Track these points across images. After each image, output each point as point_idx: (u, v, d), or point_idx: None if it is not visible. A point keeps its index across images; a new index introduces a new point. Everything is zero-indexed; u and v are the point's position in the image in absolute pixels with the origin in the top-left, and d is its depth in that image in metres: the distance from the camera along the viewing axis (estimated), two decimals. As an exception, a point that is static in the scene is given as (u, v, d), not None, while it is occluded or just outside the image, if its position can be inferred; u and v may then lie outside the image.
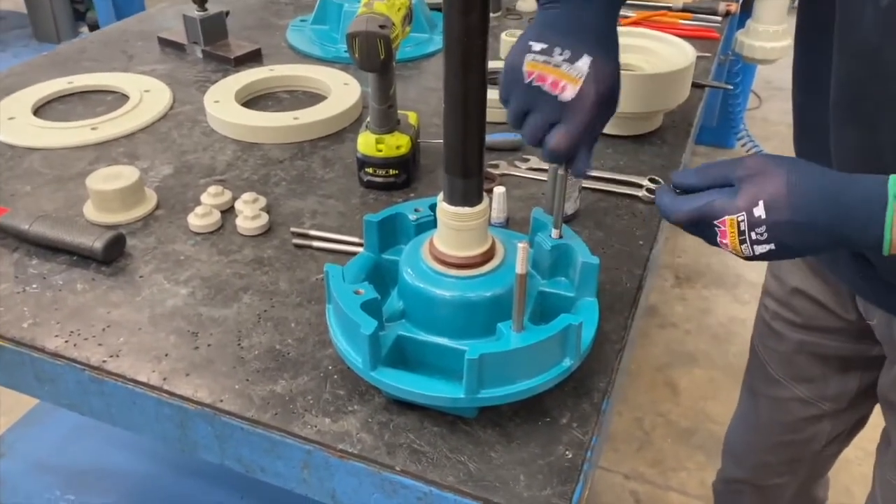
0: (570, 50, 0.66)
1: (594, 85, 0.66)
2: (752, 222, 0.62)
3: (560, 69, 0.66)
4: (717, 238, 0.64)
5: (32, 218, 0.91)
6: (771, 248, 0.62)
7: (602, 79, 0.66)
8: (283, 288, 0.86)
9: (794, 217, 0.61)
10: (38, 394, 0.83)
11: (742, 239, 0.63)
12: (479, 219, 0.68)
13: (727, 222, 0.63)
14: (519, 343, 0.65)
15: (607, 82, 0.67)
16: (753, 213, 0.62)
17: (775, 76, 3.52)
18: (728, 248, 0.64)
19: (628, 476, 1.88)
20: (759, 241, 0.62)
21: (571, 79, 0.66)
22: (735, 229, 0.63)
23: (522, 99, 0.68)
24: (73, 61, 1.41)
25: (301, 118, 1.17)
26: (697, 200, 0.65)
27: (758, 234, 0.62)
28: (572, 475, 0.65)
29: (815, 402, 1.08)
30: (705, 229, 0.65)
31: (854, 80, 0.72)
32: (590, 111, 0.66)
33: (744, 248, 0.63)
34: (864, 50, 0.69)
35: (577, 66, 0.66)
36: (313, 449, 0.67)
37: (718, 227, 0.63)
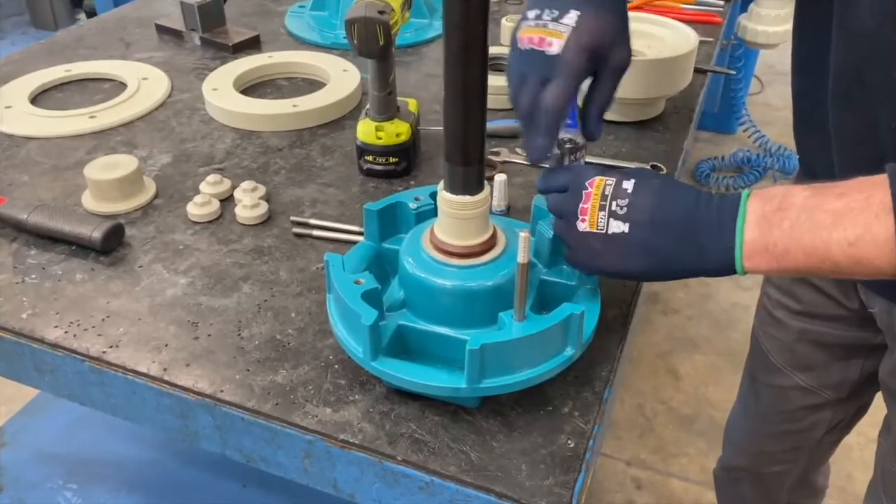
0: (559, 9, 0.68)
1: (577, 35, 0.67)
2: (617, 191, 0.63)
3: (547, 28, 0.67)
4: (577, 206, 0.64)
5: (31, 208, 0.90)
6: (623, 232, 0.62)
7: (588, 29, 0.67)
8: (283, 277, 0.85)
9: (655, 204, 0.62)
10: (38, 384, 0.83)
11: (603, 205, 0.63)
12: (480, 207, 0.68)
13: (594, 182, 0.64)
14: (521, 332, 0.64)
15: (594, 32, 0.67)
16: (622, 185, 0.63)
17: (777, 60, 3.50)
18: (585, 217, 0.63)
19: (630, 463, 1.89)
20: (617, 216, 0.62)
21: (557, 34, 0.67)
22: (600, 191, 0.63)
23: (520, 67, 0.69)
24: (71, 49, 1.40)
25: (300, 106, 1.16)
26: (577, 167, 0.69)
27: (618, 206, 0.62)
28: (574, 464, 0.64)
29: (817, 391, 1.08)
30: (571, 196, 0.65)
31: (852, 64, 0.71)
32: (576, 61, 0.67)
33: (600, 216, 0.63)
34: (862, 34, 0.68)
35: (563, 21, 0.67)
36: (314, 439, 0.67)
37: (585, 190, 0.64)
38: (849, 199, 0.55)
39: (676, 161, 1.08)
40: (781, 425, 1.15)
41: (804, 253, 0.56)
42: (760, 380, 1.15)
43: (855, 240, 0.54)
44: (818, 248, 0.55)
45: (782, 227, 0.57)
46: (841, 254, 0.55)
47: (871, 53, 0.68)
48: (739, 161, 2.95)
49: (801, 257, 0.56)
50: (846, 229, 0.54)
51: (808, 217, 0.56)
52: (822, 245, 0.55)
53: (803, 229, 0.56)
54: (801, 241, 0.56)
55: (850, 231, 0.54)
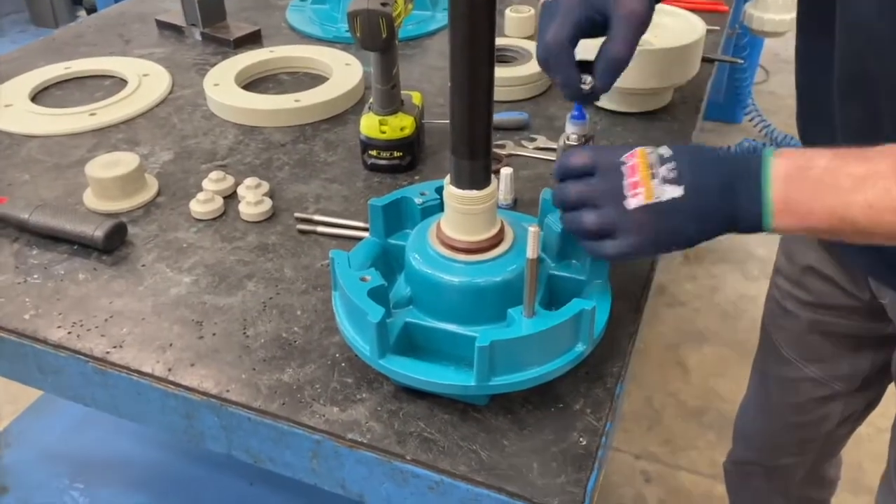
0: None
1: None
2: (661, 158, 0.61)
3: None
4: (622, 183, 0.61)
5: (32, 207, 0.89)
6: (680, 195, 0.60)
7: None
8: (288, 275, 0.84)
9: (697, 162, 0.61)
10: (41, 385, 0.82)
11: (653, 173, 0.61)
12: (488, 202, 0.67)
13: (637, 153, 0.62)
14: (530, 329, 0.63)
15: None
16: (660, 150, 0.62)
17: (783, 49, 3.47)
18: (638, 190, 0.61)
19: (639, 456, 1.88)
20: (670, 180, 0.60)
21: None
22: (645, 160, 0.61)
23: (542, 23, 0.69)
24: (71, 46, 1.38)
25: (302, 100, 1.14)
26: (594, 146, 0.67)
27: (668, 170, 0.61)
28: (587, 462, 0.63)
29: (827, 383, 1.07)
30: (607, 176, 0.62)
31: (855, 55, 0.70)
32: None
33: (654, 184, 0.60)
34: (864, 25, 0.67)
35: None
36: (322, 438, 0.66)
37: (625, 164, 0.62)
38: (871, 164, 0.56)
39: (684, 152, 1.06)
40: (792, 418, 1.13)
41: (826, 213, 0.57)
42: (770, 372, 1.14)
43: (875, 201, 0.55)
44: (838, 209, 0.57)
45: (805, 186, 0.58)
46: (861, 214, 0.56)
47: (874, 45, 0.67)
48: (745, 151, 2.93)
49: (824, 217, 0.57)
50: (866, 192, 0.55)
51: (832, 178, 0.57)
52: (843, 206, 0.56)
53: (826, 190, 0.57)
54: (823, 202, 0.57)
55: (870, 194, 0.55)
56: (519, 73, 1.17)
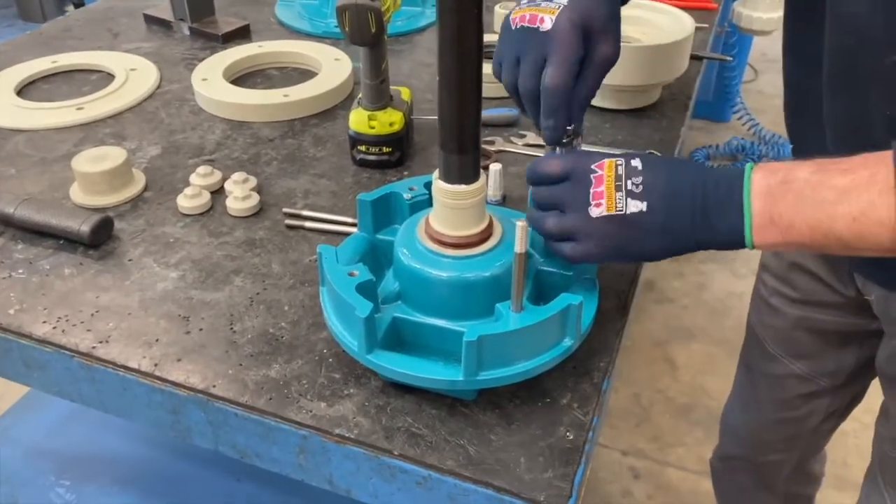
0: None
1: (569, 12, 0.66)
2: (630, 170, 0.62)
3: (539, 6, 0.67)
4: (588, 192, 0.62)
5: (17, 201, 0.88)
6: (642, 210, 0.61)
7: (578, 8, 0.66)
8: (275, 270, 0.84)
9: (668, 179, 0.61)
10: (27, 381, 0.81)
11: (619, 185, 0.61)
12: (476, 196, 0.67)
13: (605, 164, 0.62)
14: (518, 324, 0.63)
15: (585, 12, 0.67)
16: (631, 163, 0.62)
17: (771, 48, 3.49)
18: (600, 201, 0.62)
19: (626, 452, 1.89)
20: (634, 195, 0.61)
21: (549, 10, 0.66)
22: (613, 172, 0.62)
23: (513, 47, 0.69)
24: (58, 40, 1.37)
25: (291, 95, 1.14)
26: (572, 153, 0.67)
27: (633, 185, 0.61)
28: (574, 456, 0.64)
29: (813, 378, 1.07)
30: (577, 183, 0.63)
31: (844, 51, 0.70)
32: (568, 37, 0.66)
33: (618, 196, 0.61)
34: (853, 20, 0.67)
35: (556, 0, 0.67)
36: (309, 434, 0.66)
37: (594, 174, 0.62)
38: (854, 176, 0.55)
39: (673, 149, 1.07)
40: (778, 414, 1.14)
41: (809, 227, 0.56)
42: (756, 368, 1.15)
43: (859, 215, 0.54)
44: (823, 223, 0.56)
45: (787, 200, 0.57)
46: (845, 228, 0.55)
47: (863, 40, 0.67)
48: (734, 149, 2.95)
49: (806, 231, 0.57)
50: (850, 205, 0.55)
51: (813, 192, 0.56)
52: (827, 219, 0.56)
53: (808, 204, 0.56)
54: (804, 215, 0.56)
55: (853, 207, 0.55)
56: (508, 69, 1.17)
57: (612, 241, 0.63)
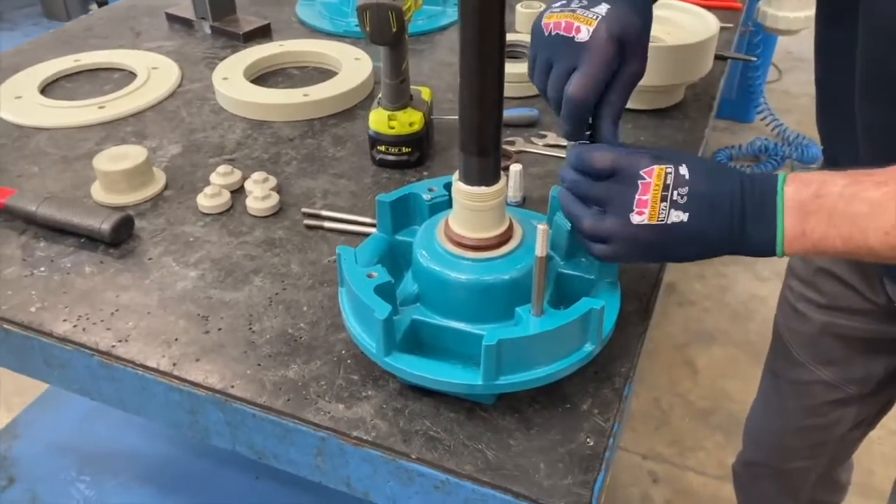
0: (588, 0, 0.66)
1: (607, 23, 0.64)
2: (677, 179, 0.60)
3: (576, 13, 0.65)
4: (633, 197, 0.60)
5: (40, 199, 0.89)
6: (682, 221, 0.60)
7: (618, 20, 0.64)
8: (294, 270, 0.84)
9: (711, 189, 0.60)
10: (48, 379, 0.82)
11: (664, 196, 0.60)
12: (497, 199, 0.66)
13: (655, 171, 0.60)
14: (538, 328, 0.62)
15: (623, 25, 0.64)
16: (680, 171, 0.60)
17: (796, 47, 3.44)
18: (643, 209, 0.60)
19: (646, 456, 1.87)
20: (678, 206, 0.60)
21: (586, 20, 0.64)
22: (661, 181, 0.60)
23: (545, 52, 0.67)
24: (80, 39, 1.38)
25: (311, 95, 1.14)
26: (620, 147, 0.64)
27: (679, 195, 0.60)
28: (594, 463, 0.63)
29: (840, 386, 1.05)
30: (623, 185, 0.61)
31: (877, 56, 0.69)
32: (605, 48, 0.63)
33: (662, 207, 0.60)
34: (887, 25, 0.66)
35: (593, 10, 0.65)
36: (327, 436, 0.66)
37: (642, 180, 0.60)
38: (887, 189, 0.55)
39: (697, 149, 1.05)
40: (804, 421, 1.12)
41: (842, 240, 0.56)
42: (782, 375, 1.13)
43: (891, 229, 0.55)
44: (855, 237, 0.56)
45: (819, 215, 0.57)
46: (877, 241, 0.55)
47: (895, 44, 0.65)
48: (757, 150, 2.91)
49: (838, 244, 0.57)
50: (883, 219, 0.55)
51: (846, 206, 0.56)
52: (860, 234, 0.56)
53: (841, 218, 0.56)
54: (839, 229, 0.56)
55: (886, 220, 0.55)
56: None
57: (647, 247, 0.62)
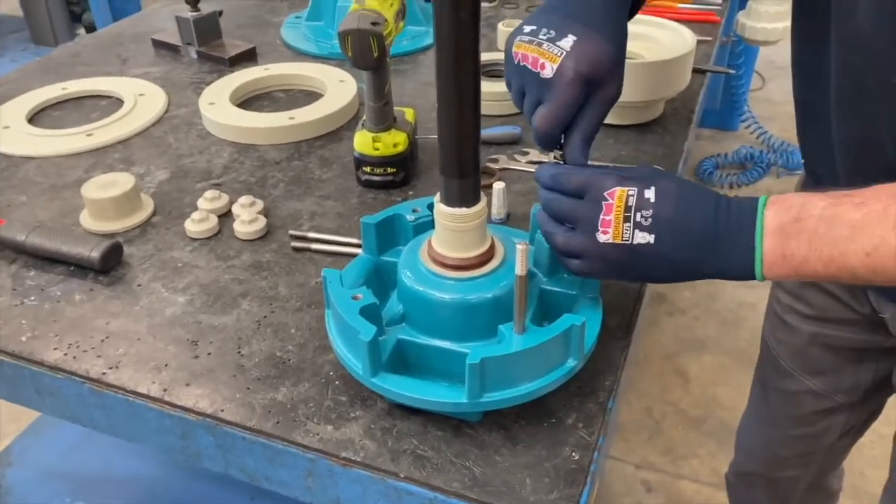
0: (556, 30, 0.66)
1: (573, 62, 0.64)
2: (641, 202, 0.61)
3: (542, 48, 0.66)
4: (598, 217, 0.62)
5: (29, 228, 0.90)
6: (649, 242, 0.61)
7: (584, 57, 0.64)
8: (282, 293, 0.85)
9: (678, 213, 0.60)
10: (39, 407, 0.82)
11: (627, 216, 0.61)
12: (477, 219, 0.67)
13: (616, 193, 0.62)
14: (521, 345, 0.63)
15: (590, 60, 0.65)
16: (644, 194, 0.61)
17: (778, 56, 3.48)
18: (607, 229, 0.61)
19: (639, 465, 1.88)
20: (642, 227, 0.61)
21: (551, 56, 0.65)
22: (623, 203, 0.61)
23: (517, 80, 0.68)
24: (67, 66, 1.40)
25: (297, 118, 1.15)
26: (590, 169, 0.65)
27: (643, 217, 0.61)
28: (579, 477, 0.64)
29: (829, 395, 1.06)
30: (589, 205, 0.63)
31: (852, 71, 0.70)
32: (567, 89, 0.64)
33: (626, 227, 0.61)
34: (860, 40, 0.67)
35: (559, 44, 0.65)
36: (316, 457, 0.67)
37: (605, 200, 0.62)
38: (867, 210, 0.55)
39: (677, 163, 1.07)
40: (794, 430, 1.13)
41: (823, 263, 0.57)
42: (771, 384, 1.14)
43: (872, 250, 0.55)
44: (836, 259, 0.56)
45: (800, 238, 0.57)
46: (858, 263, 0.55)
47: (870, 60, 0.67)
48: (742, 158, 2.94)
49: (819, 267, 0.57)
50: (863, 241, 0.55)
51: (827, 228, 0.56)
52: (840, 256, 0.56)
53: (822, 241, 0.56)
54: (819, 252, 0.56)
55: (867, 242, 0.55)
56: (511, 87, 1.18)
57: (617, 265, 0.63)
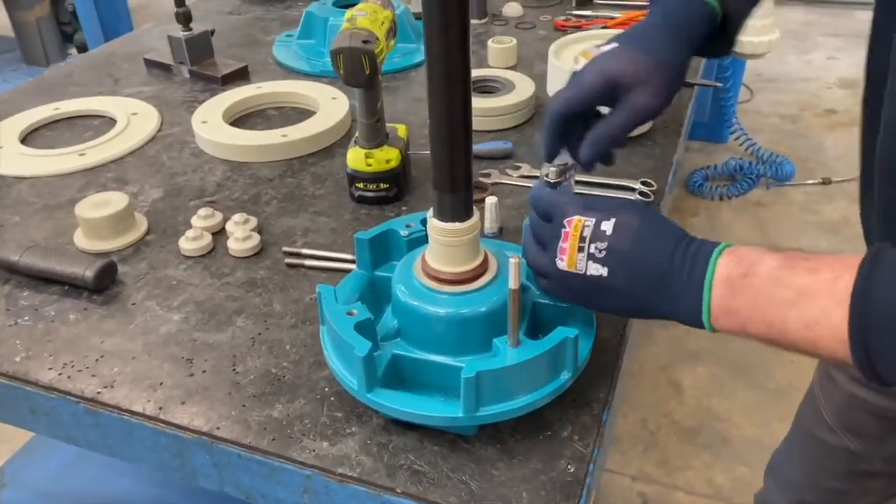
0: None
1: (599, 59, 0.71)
2: (596, 234, 0.62)
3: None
4: (557, 242, 0.63)
5: (22, 249, 0.90)
6: (602, 275, 0.61)
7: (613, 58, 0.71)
8: (276, 309, 0.85)
9: (634, 248, 0.60)
10: (34, 428, 0.82)
11: (581, 247, 0.62)
12: (470, 234, 0.68)
13: (573, 222, 0.63)
14: (515, 359, 0.64)
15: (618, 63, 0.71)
16: (601, 226, 0.62)
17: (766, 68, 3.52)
18: (563, 256, 0.63)
19: (635, 477, 1.87)
20: (595, 259, 0.61)
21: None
22: (578, 233, 0.62)
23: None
24: (60, 87, 1.40)
25: (290, 135, 1.16)
26: (563, 195, 0.67)
27: (597, 249, 0.61)
28: (575, 490, 0.64)
29: (868, 459, 1.00)
30: (553, 229, 0.64)
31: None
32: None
33: (579, 257, 0.62)
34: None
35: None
36: (312, 474, 0.67)
37: (564, 228, 0.63)
38: (816, 278, 0.52)
39: (666, 176, 1.08)
40: (830, 483, 1.07)
41: (765, 324, 0.55)
42: (811, 431, 1.07)
43: (812, 323, 0.52)
44: (776, 323, 0.54)
45: (745, 294, 0.55)
46: (797, 334, 0.53)
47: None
48: (732, 169, 2.96)
49: (762, 328, 0.55)
50: (805, 310, 0.52)
51: (772, 289, 0.54)
52: (780, 321, 0.54)
53: (764, 301, 0.54)
54: (762, 313, 0.55)
55: (807, 313, 0.52)
56: (502, 102, 1.19)
57: (575, 293, 0.65)
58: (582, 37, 1.39)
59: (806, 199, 2.92)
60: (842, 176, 2.95)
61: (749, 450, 1.90)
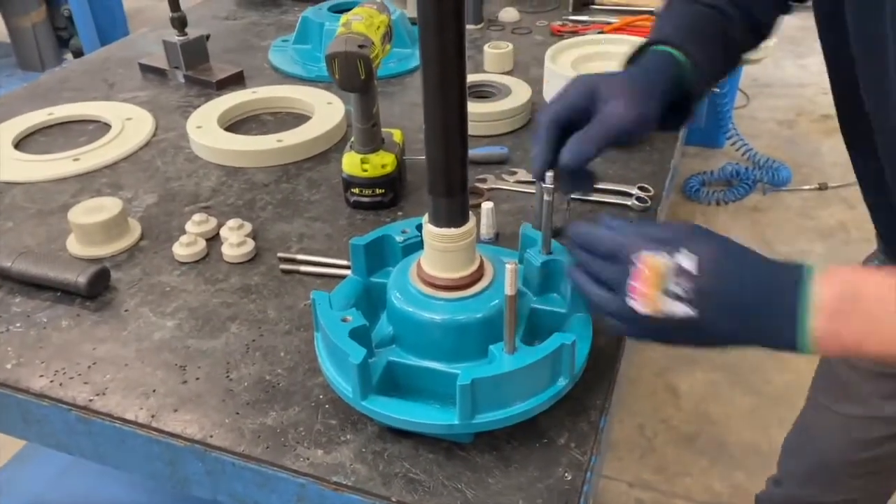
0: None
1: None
2: (678, 268, 0.58)
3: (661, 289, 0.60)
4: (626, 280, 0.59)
5: (15, 254, 0.89)
6: (687, 314, 0.58)
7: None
8: (271, 316, 0.84)
9: (723, 286, 0.58)
10: (26, 436, 0.81)
11: (664, 288, 0.58)
12: (466, 239, 0.67)
13: (646, 261, 0.58)
14: (511, 366, 0.63)
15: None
16: (681, 262, 0.58)
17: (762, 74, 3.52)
18: (639, 298, 0.59)
19: (633, 484, 1.87)
20: (681, 299, 0.58)
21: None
22: (656, 273, 0.58)
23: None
24: (55, 91, 1.40)
25: (285, 140, 1.15)
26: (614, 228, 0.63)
27: (682, 290, 0.57)
28: (573, 498, 0.63)
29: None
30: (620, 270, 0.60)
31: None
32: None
33: (660, 297, 0.58)
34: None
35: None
36: (307, 482, 0.66)
37: (634, 267, 0.59)
38: None
39: (664, 181, 1.08)
40: (858, 454, 1.05)
41: (878, 343, 0.55)
42: (835, 409, 1.05)
43: None
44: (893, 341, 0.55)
45: (855, 320, 0.55)
46: None
47: None
48: (728, 175, 2.96)
49: (873, 349, 0.56)
50: None
51: (883, 309, 0.55)
52: None
53: (879, 324, 0.55)
54: (879, 336, 0.55)
55: None
56: (498, 107, 1.19)
57: (653, 331, 0.61)
58: (578, 42, 1.39)
59: (802, 205, 2.92)
60: (838, 181, 2.95)
61: (747, 455, 1.90)
